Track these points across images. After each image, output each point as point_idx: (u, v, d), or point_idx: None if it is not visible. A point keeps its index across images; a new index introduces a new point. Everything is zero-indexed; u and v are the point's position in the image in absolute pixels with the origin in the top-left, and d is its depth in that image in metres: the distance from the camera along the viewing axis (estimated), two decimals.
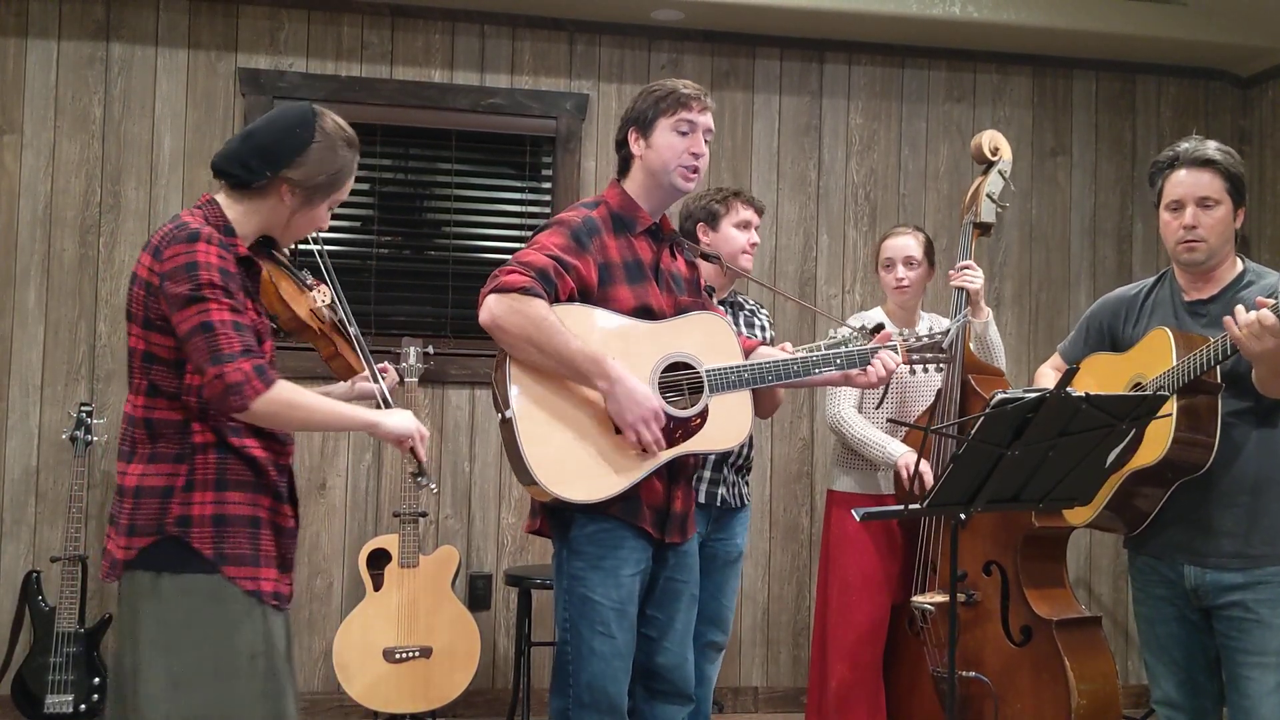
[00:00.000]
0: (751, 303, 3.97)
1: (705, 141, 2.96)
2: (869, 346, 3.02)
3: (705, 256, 3.31)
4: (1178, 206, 2.95)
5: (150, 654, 2.31)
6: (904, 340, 3.08)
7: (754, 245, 3.79)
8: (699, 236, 3.74)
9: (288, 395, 2.32)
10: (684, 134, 2.92)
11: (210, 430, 2.34)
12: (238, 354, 2.26)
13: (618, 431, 2.80)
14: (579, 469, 2.77)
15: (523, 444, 2.74)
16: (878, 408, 3.82)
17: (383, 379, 2.66)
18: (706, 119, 2.96)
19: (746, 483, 3.81)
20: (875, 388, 3.09)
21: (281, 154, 2.40)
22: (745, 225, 3.77)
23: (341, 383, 2.71)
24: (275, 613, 2.40)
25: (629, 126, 2.98)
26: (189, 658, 2.30)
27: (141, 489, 2.34)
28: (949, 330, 3.26)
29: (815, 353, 3.01)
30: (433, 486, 2.55)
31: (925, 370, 3.17)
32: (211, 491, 2.33)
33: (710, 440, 2.89)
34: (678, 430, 2.84)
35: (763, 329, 3.89)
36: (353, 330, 2.62)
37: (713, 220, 3.75)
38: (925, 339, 3.12)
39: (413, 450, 2.51)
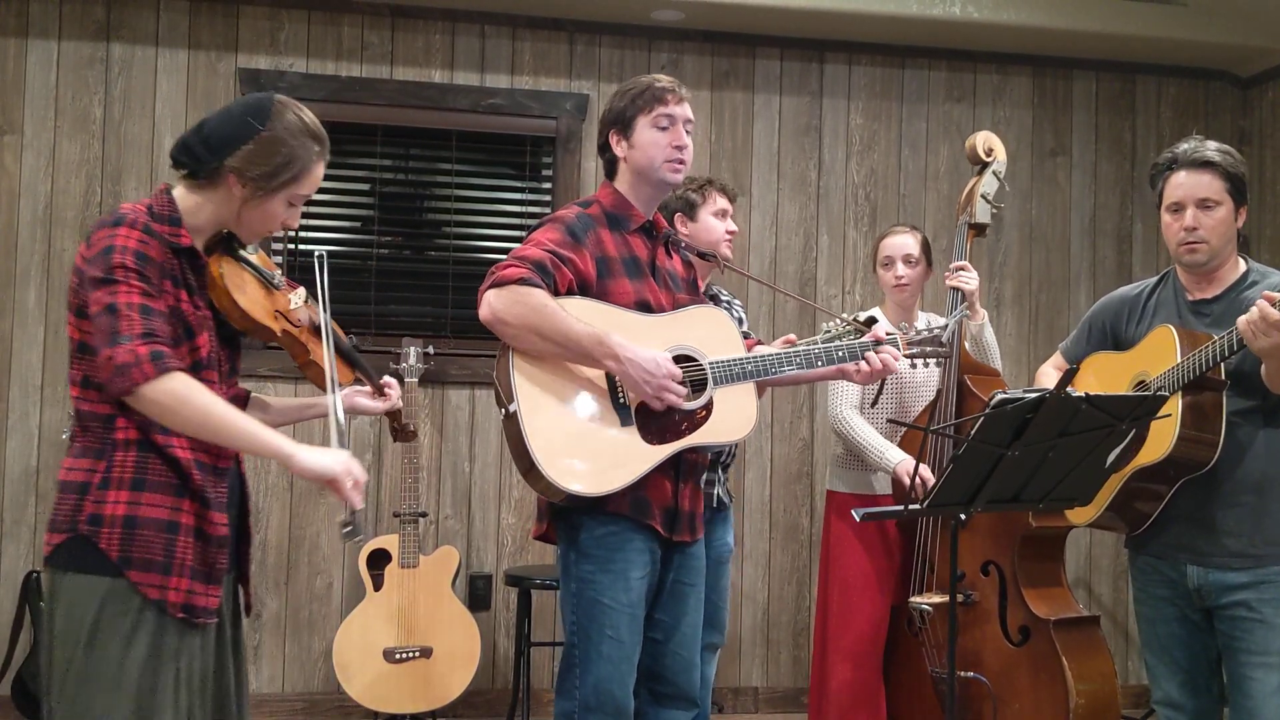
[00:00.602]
0: (726, 294, 3.97)
1: (686, 132, 2.95)
2: (867, 340, 3.01)
3: (703, 255, 3.31)
4: (1178, 208, 2.95)
5: (54, 653, 2.23)
6: (904, 334, 3.09)
7: (732, 234, 3.77)
8: (677, 227, 3.73)
9: (181, 389, 2.14)
10: (664, 128, 2.91)
11: (135, 427, 2.22)
12: (135, 336, 2.13)
13: (624, 424, 2.79)
14: (585, 462, 2.75)
15: (528, 437, 2.72)
16: (873, 406, 3.81)
17: (363, 398, 2.55)
18: (685, 110, 2.94)
19: (726, 480, 3.83)
20: (871, 382, 3.08)
21: (228, 142, 2.27)
22: (723, 214, 3.75)
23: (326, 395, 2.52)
24: (183, 625, 2.24)
25: (609, 129, 2.98)
26: (86, 661, 2.19)
27: (65, 483, 2.25)
28: (947, 325, 3.26)
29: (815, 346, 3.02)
30: (360, 538, 2.26)
31: (926, 365, 3.17)
32: (126, 491, 2.21)
33: (717, 432, 2.88)
34: (684, 423, 2.82)
35: (739, 321, 3.89)
36: (335, 339, 2.46)
37: (690, 210, 3.74)
38: (924, 332, 3.12)
39: (348, 496, 2.25)
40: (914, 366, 3.20)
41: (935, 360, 3.16)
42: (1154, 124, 5.62)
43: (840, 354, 2.99)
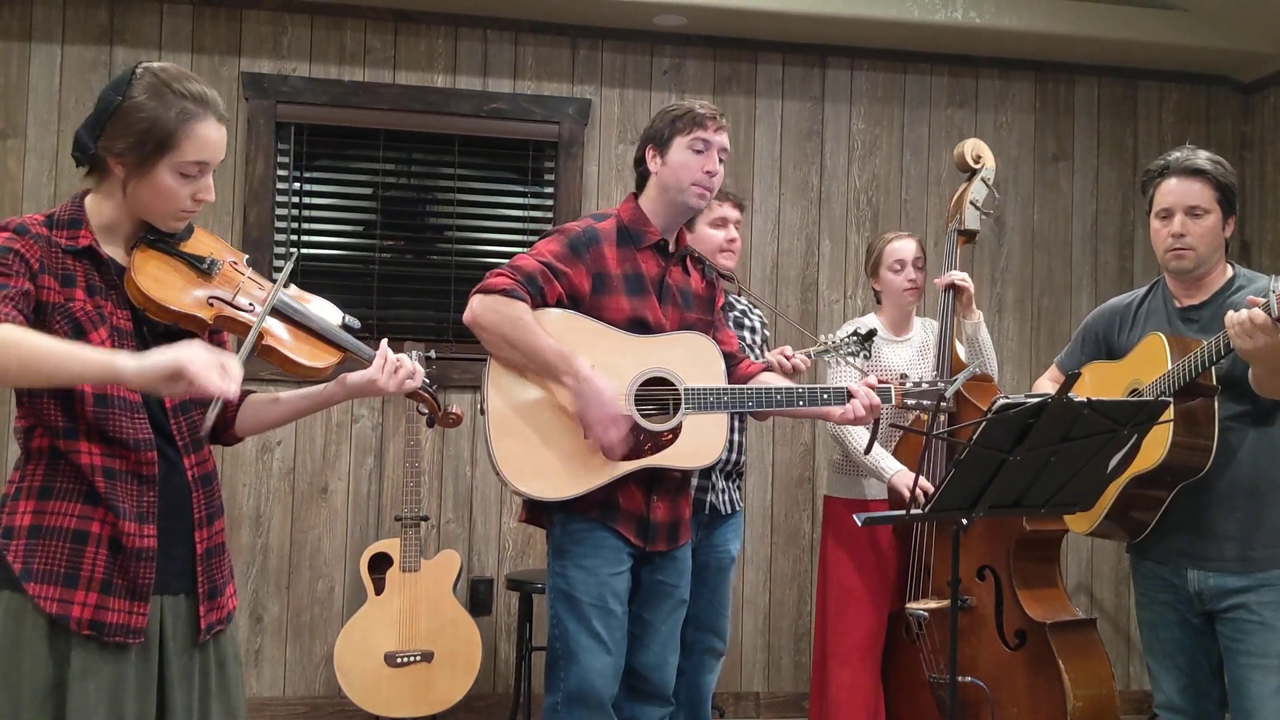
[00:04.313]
0: (743, 303, 3.94)
1: (720, 161, 3.01)
2: (853, 387, 2.97)
3: (724, 277, 3.33)
4: (1167, 215, 2.98)
5: None
6: (900, 385, 3.05)
7: (731, 242, 3.76)
8: None
9: (4, 335, 1.93)
10: (699, 152, 2.98)
11: (45, 434, 2.12)
12: None
13: (587, 437, 2.85)
14: (540, 467, 2.87)
15: (491, 438, 2.88)
16: (866, 453, 3.30)
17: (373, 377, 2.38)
18: (722, 138, 3.01)
19: (738, 488, 3.80)
20: (857, 424, 3.05)
21: (96, 122, 2.14)
22: (721, 223, 3.74)
23: (318, 384, 2.39)
24: (88, 643, 2.07)
25: (647, 144, 3.04)
26: None
27: None
28: (956, 381, 3.12)
29: (802, 387, 3.01)
30: (209, 420, 2.04)
31: (918, 410, 3.11)
32: (34, 500, 2.10)
33: (679, 457, 2.91)
34: (648, 443, 2.87)
35: (753, 330, 3.87)
36: (304, 315, 2.30)
37: (689, 221, 3.75)
38: (925, 385, 3.07)
39: (206, 384, 1.95)
40: (907, 411, 3.15)
41: (926, 408, 3.08)
42: (1155, 129, 5.63)
43: (824, 396, 2.98)
